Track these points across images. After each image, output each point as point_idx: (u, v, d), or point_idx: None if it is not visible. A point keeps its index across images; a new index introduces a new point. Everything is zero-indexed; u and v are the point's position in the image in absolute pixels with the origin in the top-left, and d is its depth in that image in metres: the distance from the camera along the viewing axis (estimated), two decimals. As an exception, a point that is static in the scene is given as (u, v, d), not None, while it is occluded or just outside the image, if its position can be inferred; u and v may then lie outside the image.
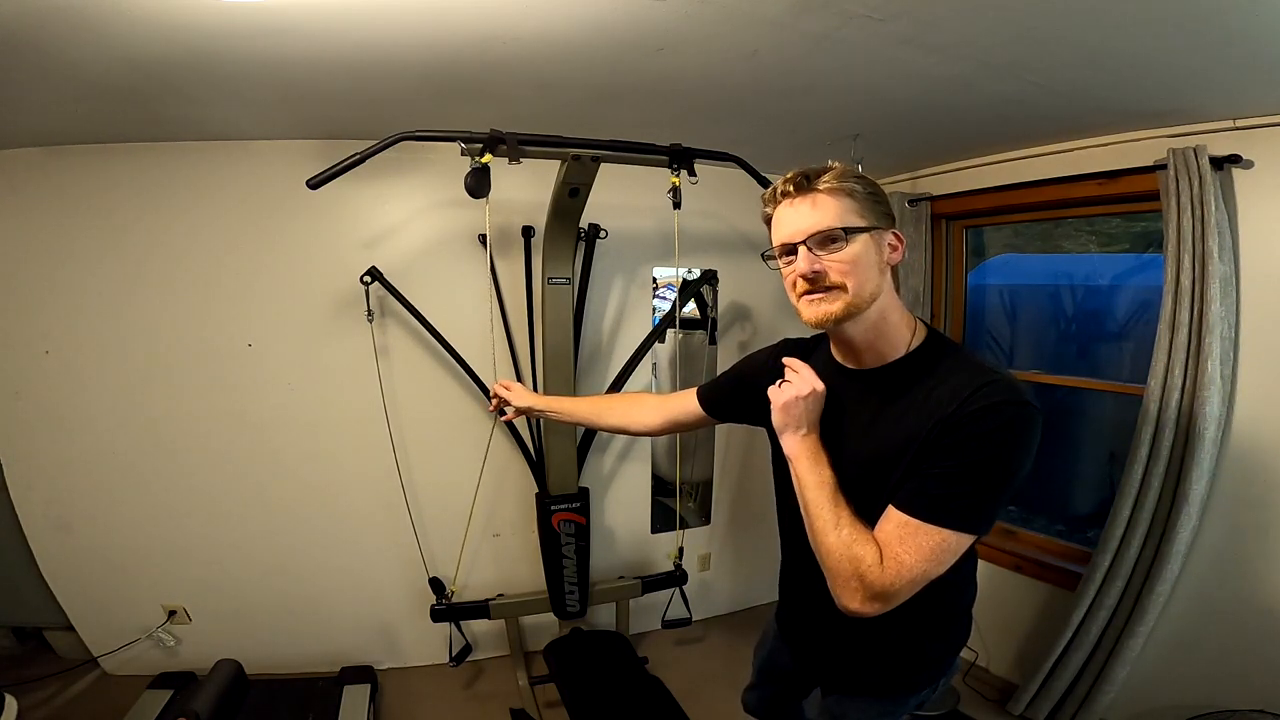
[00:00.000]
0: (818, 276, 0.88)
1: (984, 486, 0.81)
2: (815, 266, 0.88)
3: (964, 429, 0.80)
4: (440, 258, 2.16)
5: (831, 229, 0.87)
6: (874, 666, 1.08)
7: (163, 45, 1.25)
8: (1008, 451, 0.80)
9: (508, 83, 1.54)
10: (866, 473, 0.92)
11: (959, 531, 0.81)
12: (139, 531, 2.13)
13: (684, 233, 1.97)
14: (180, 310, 2.02)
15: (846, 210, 0.88)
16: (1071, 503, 2.39)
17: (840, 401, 0.98)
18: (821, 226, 0.87)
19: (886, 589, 0.81)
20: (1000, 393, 0.81)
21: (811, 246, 0.88)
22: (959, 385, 0.84)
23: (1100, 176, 1.89)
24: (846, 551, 0.84)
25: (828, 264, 0.87)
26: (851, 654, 1.10)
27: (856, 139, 1.97)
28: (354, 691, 2.11)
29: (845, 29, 1.22)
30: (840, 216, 0.87)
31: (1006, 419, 0.80)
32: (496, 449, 2.31)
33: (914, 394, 0.89)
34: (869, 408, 0.94)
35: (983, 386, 0.82)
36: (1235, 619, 1.70)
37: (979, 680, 2.30)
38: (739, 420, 1.27)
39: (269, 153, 1.98)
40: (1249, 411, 1.67)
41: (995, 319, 2.59)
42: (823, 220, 0.88)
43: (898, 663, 1.07)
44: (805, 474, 0.92)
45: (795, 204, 0.91)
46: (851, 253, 0.87)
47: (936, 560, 0.81)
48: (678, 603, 2.36)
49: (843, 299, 0.88)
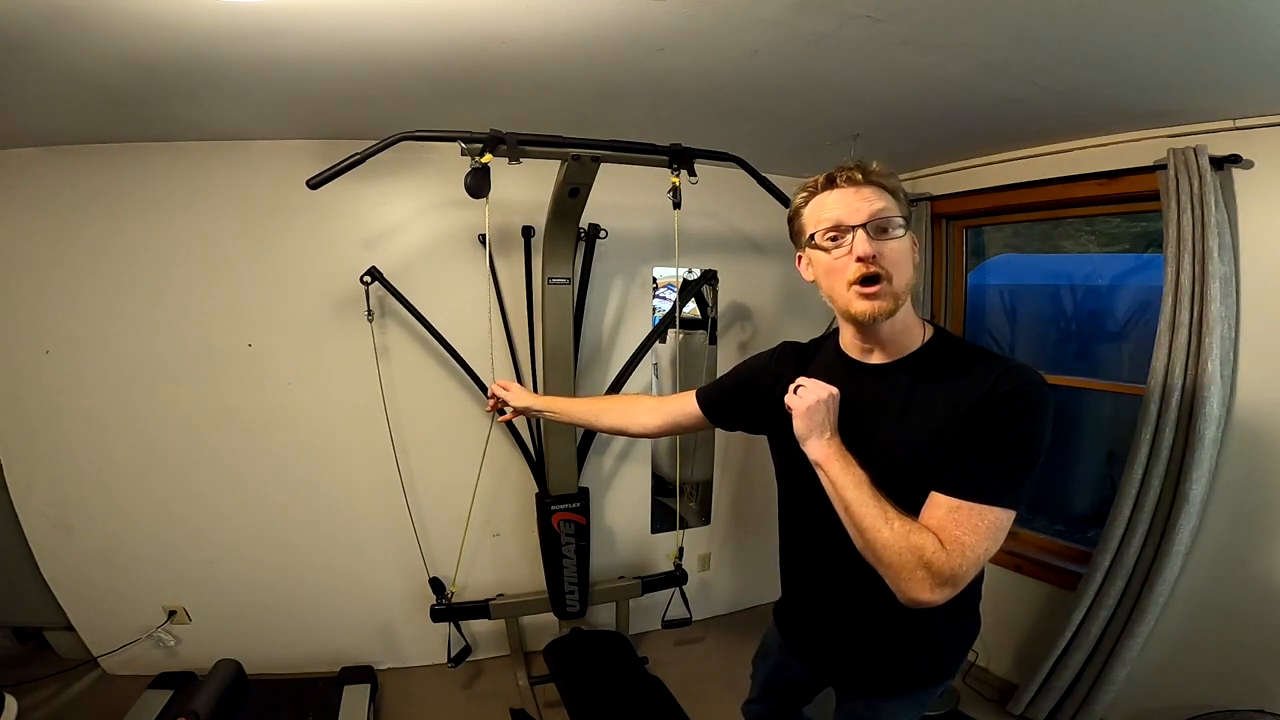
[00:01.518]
0: (867, 262, 0.88)
1: (1021, 463, 0.84)
2: (871, 250, 0.88)
3: (999, 411, 0.84)
4: (440, 258, 2.16)
5: (892, 216, 0.89)
6: (899, 663, 1.06)
7: (163, 45, 1.25)
8: (1037, 429, 0.85)
9: (508, 83, 1.54)
10: (905, 462, 0.91)
11: (1007, 508, 0.83)
12: (139, 531, 2.13)
13: (684, 233, 1.97)
14: (180, 310, 2.02)
15: (898, 204, 0.91)
16: (1071, 503, 2.39)
17: (859, 396, 0.98)
18: (885, 213, 0.89)
19: (955, 572, 0.81)
20: (1026, 376, 0.86)
21: (871, 232, 0.89)
22: (984, 371, 0.88)
23: (1100, 176, 1.89)
24: (905, 543, 0.83)
25: (885, 250, 0.89)
26: (876, 654, 1.07)
27: (856, 139, 1.96)
28: (354, 691, 2.11)
29: (845, 29, 1.22)
30: (895, 207, 0.91)
31: (1035, 400, 0.85)
32: (496, 449, 2.31)
33: (940, 382, 0.91)
34: (897, 397, 0.95)
35: (1008, 370, 0.87)
36: (1235, 619, 1.70)
37: (979, 680, 2.30)
38: (737, 425, 1.26)
39: (269, 153, 1.98)
40: (1249, 412, 1.67)
41: (995, 319, 2.59)
42: (885, 208, 0.90)
43: (922, 655, 1.06)
44: (839, 475, 0.90)
45: (856, 190, 0.91)
46: (903, 245, 0.91)
47: (994, 538, 0.83)
48: (678, 603, 2.35)
49: (891, 295, 0.90)
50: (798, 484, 1.07)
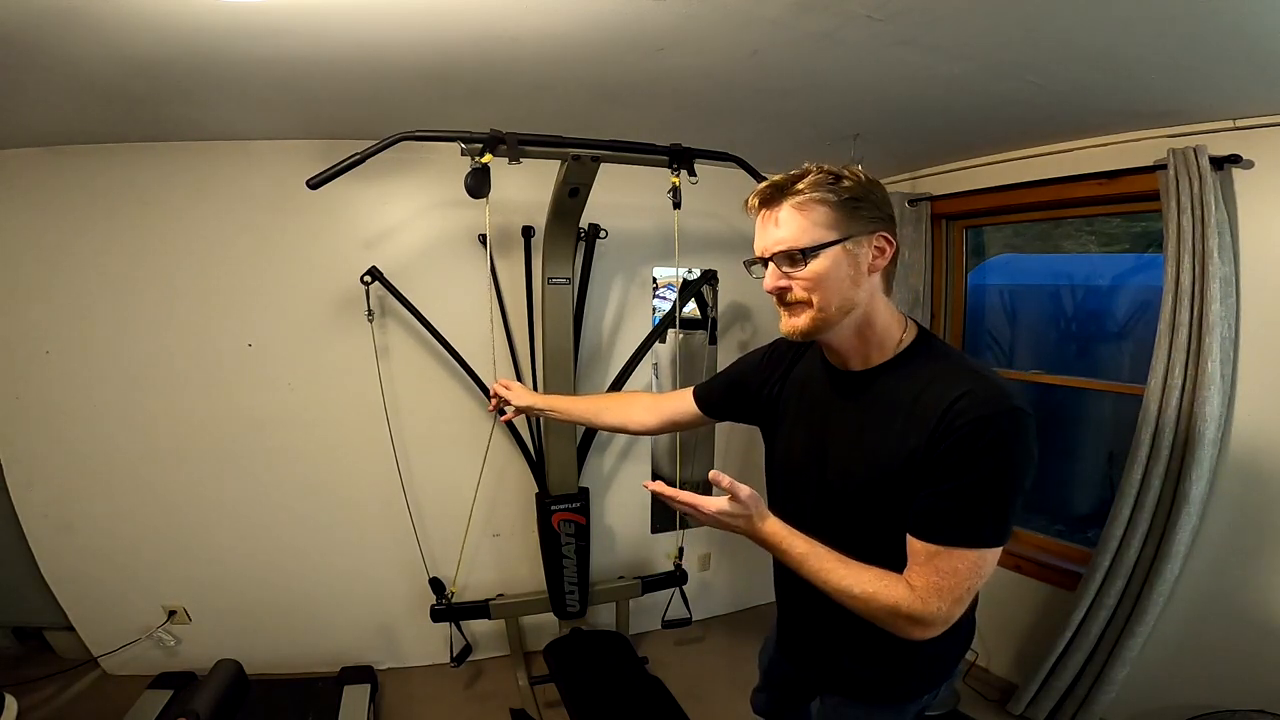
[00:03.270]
0: (781, 292, 0.89)
1: (998, 499, 0.80)
2: (780, 283, 0.88)
3: (963, 445, 0.79)
4: (440, 258, 2.16)
5: (790, 249, 0.86)
6: (871, 670, 1.06)
7: (163, 45, 1.25)
8: (1011, 461, 0.79)
9: (508, 83, 1.54)
10: (862, 489, 0.90)
11: (989, 548, 0.81)
12: (139, 532, 2.13)
13: (684, 233, 1.97)
14: (180, 310, 2.02)
15: (814, 224, 0.85)
16: (1071, 503, 2.38)
17: (829, 405, 0.98)
18: (783, 246, 0.86)
19: (937, 616, 0.81)
20: (991, 404, 0.79)
21: (779, 263, 0.88)
22: (941, 393, 0.82)
23: (1100, 176, 1.89)
24: (876, 604, 0.83)
25: (792, 280, 0.87)
26: (849, 659, 1.08)
27: (856, 139, 1.96)
28: (354, 691, 2.11)
29: (845, 29, 1.22)
30: (804, 232, 0.85)
31: (1003, 430, 0.79)
32: (497, 449, 2.31)
33: (899, 401, 0.87)
34: (854, 415, 0.94)
35: (968, 395, 0.80)
36: (1235, 619, 1.70)
37: (979, 680, 2.30)
38: (735, 420, 1.27)
39: (269, 153, 1.98)
40: (1249, 411, 1.67)
41: (995, 319, 2.59)
42: (784, 239, 0.86)
43: (896, 668, 1.05)
44: (791, 551, 0.89)
45: (765, 217, 0.90)
46: (815, 269, 0.85)
47: (979, 575, 0.81)
48: (678, 603, 2.35)
49: (807, 314, 0.88)
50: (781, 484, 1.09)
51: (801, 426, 1.04)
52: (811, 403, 1.03)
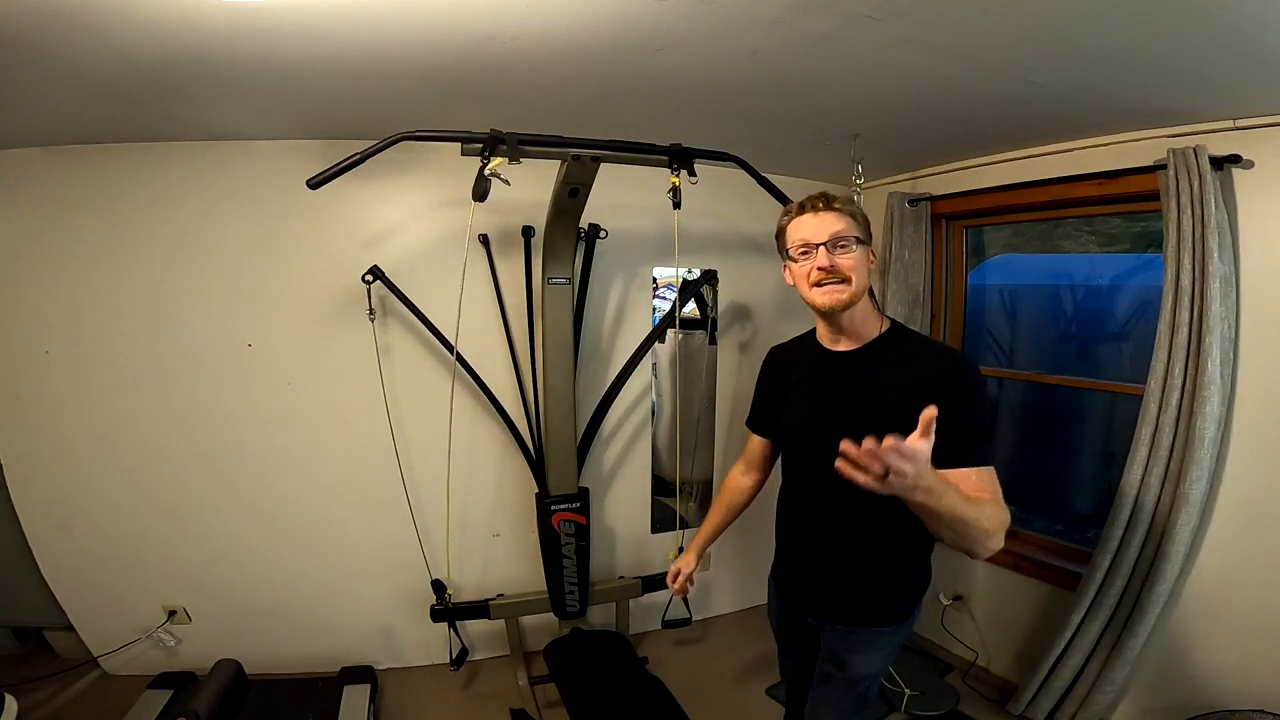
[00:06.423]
0: (834, 269, 1.15)
1: (988, 423, 1.17)
2: (833, 260, 1.15)
3: (958, 386, 1.08)
4: (440, 257, 2.15)
5: (847, 236, 1.16)
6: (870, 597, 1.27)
7: (163, 45, 1.25)
8: (985, 393, 1.22)
9: (508, 83, 1.54)
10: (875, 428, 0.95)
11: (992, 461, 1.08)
12: (139, 532, 2.13)
13: (684, 233, 1.97)
14: (180, 310, 2.02)
15: (852, 226, 1.17)
16: (1071, 503, 2.39)
17: (831, 377, 1.25)
18: (843, 233, 1.15)
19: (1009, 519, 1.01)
20: (961, 360, 1.16)
21: (830, 247, 1.15)
22: (932, 355, 1.17)
23: (1100, 176, 1.89)
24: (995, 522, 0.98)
25: (839, 260, 1.15)
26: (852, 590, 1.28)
27: (856, 139, 1.97)
28: (354, 691, 2.11)
29: (845, 29, 1.22)
30: (851, 229, 1.16)
31: (976, 375, 1.14)
32: (497, 449, 2.32)
33: (896, 364, 1.18)
34: (862, 377, 1.20)
35: (951, 353, 1.24)
36: (1235, 619, 1.70)
37: (979, 680, 2.30)
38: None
39: (269, 153, 1.98)
40: (1249, 411, 1.67)
41: (995, 319, 2.59)
42: (842, 230, 1.15)
43: (886, 591, 1.27)
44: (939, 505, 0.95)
45: (819, 215, 1.17)
46: (856, 256, 1.16)
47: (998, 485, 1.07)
48: (678, 602, 2.35)
49: (848, 290, 1.16)
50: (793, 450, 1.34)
51: (804, 398, 1.29)
52: (812, 380, 1.29)
